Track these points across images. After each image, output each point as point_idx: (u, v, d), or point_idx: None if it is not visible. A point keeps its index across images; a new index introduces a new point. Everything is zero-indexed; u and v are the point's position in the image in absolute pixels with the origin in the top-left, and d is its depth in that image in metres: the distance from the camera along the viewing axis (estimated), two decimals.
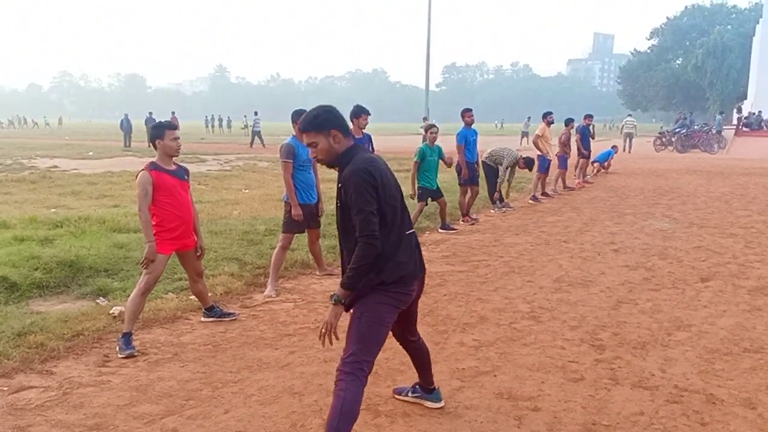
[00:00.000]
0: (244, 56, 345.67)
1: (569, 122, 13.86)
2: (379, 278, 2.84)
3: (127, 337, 4.28)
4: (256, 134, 30.32)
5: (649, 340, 4.50)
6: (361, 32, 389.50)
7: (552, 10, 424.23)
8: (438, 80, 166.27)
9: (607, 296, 5.64)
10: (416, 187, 8.60)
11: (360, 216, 2.77)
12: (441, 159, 8.77)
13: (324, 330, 2.86)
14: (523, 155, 10.84)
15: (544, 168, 12.43)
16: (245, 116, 37.25)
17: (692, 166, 20.29)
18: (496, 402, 3.53)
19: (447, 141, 10.78)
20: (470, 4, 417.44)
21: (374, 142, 7.44)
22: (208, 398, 3.59)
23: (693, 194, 13.13)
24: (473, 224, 9.57)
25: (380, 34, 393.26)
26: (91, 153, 23.96)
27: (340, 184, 2.87)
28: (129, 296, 4.51)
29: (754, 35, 50.21)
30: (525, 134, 33.77)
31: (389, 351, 3.83)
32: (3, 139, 36.39)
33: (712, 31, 66.77)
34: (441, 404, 3.44)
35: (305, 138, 2.95)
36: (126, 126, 29.24)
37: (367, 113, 7.05)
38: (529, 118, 37.68)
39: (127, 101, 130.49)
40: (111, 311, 4.97)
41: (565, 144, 13.44)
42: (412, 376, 3.63)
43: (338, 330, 2.88)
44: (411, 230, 3.03)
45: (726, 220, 9.81)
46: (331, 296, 2.87)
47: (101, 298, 5.42)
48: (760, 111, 37.08)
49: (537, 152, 12.35)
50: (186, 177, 4.62)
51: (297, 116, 5.76)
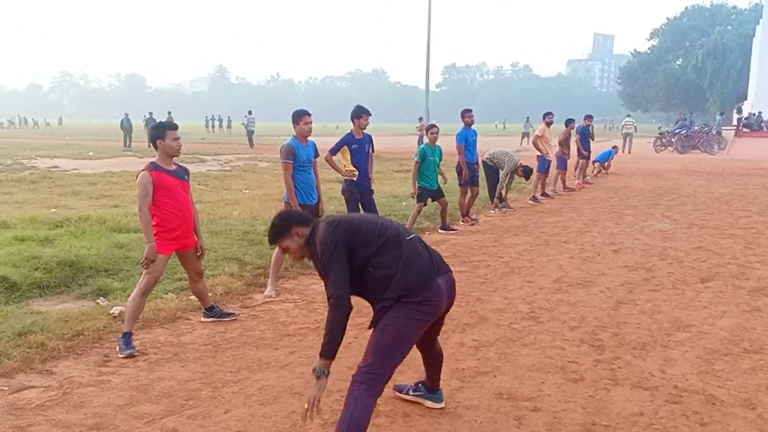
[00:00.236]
0: (244, 56, 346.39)
1: (569, 123, 13.87)
2: (397, 293, 2.79)
3: (128, 337, 4.29)
4: (250, 133, 30.46)
5: (649, 341, 4.51)
6: (361, 32, 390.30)
7: (552, 11, 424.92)
8: (438, 80, 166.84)
9: (607, 297, 5.65)
10: (416, 187, 8.61)
11: (327, 278, 2.82)
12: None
13: (307, 406, 2.78)
14: (522, 164, 10.75)
15: (544, 168, 12.44)
16: (246, 116, 37.18)
17: (692, 167, 20.29)
18: (496, 402, 3.53)
19: (447, 141, 10.78)
20: (470, 5, 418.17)
21: (374, 143, 7.44)
22: (208, 398, 3.60)
23: (693, 195, 13.13)
24: (473, 224, 9.58)
25: (380, 35, 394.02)
26: (91, 153, 23.97)
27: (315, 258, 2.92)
28: (129, 296, 4.52)
29: (754, 36, 50.20)
30: (525, 135, 33.73)
31: None
32: (3, 139, 36.41)
33: (712, 32, 66.76)
34: (442, 405, 3.44)
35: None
36: (126, 126, 29.29)
37: (368, 113, 7.07)
38: (528, 119, 37.66)
39: (127, 101, 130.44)
40: (111, 311, 4.98)
41: (562, 144, 13.41)
42: (412, 376, 3.65)
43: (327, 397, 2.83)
44: (411, 236, 3.01)
45: (726, 221, 9.81)
46: (314, 370, 2.80)
47: (101, 298, 5.43)
48: (760, 112, 37.09)
49: (537, 153, 12.38)
50: (186, 177, 4.63)
51: (297, 116, 5.80)
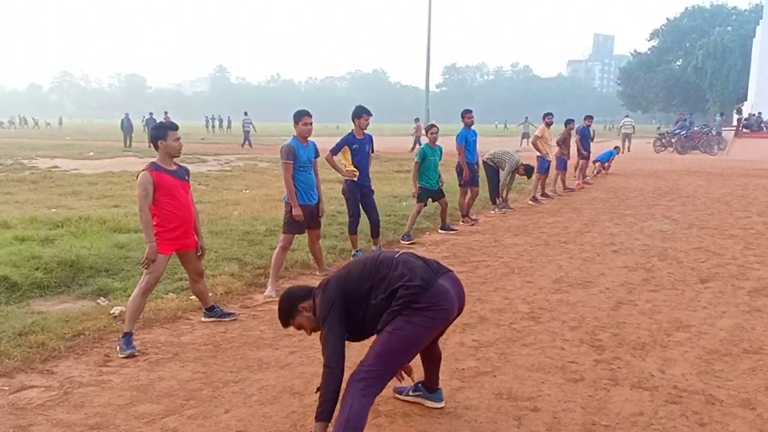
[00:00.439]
0: (245, 56, 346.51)
1: (569, 123, 13.88)
2: (404, 299, 2.78)
3: (128, 337, 4.30)
4: (247, 134, 30.55)
5: (649, 341, 4.51)
6: (362, 33, 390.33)
7: (552, 11, 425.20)
8: (438, 81, 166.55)
9: (607, 297, 5.65)
10: (417, 187, 8.59)
11: (324, 343, 2.85)
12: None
13: None
14: (523, 162, 10.87)
15: (544, 169, 12.45)
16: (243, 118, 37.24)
17: (692, 168, 20.29)
18: (496, 402, 3.54)
19: (447, 142, 10.78)
20: (470, 5, 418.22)
21: (373, 143, 7.45)
22: (209, 398, 3.60)
23: (693, 195, 13.13)
24: (473, 225, 9.58)
25: (380, 35, 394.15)
26: (92, 153, 23.98)
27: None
28: (129, 296, 4.53)
29: (754, 36, 50.17)
30: (525, 135, 33.71)
31: None
32: (3, 139, 36.42)
33: (712, 33, 66.71)
34: (441, 404, 3.45)
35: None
36: (126, 126, 29.33)
37: (369, 114, 7.08)
38: (527, 118, 37.67)
39: (128, 101, 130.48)
40: (111, 311, 4.98)
41: (561, 145, 13.39)
42: (414, 375, 3.64)
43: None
44: (399, 253, 3.02)
45: (726, 222, 9.81)
46: None
47: (102, 298, 5.43)
48: (760, 112, 37.07)
49: (537, 153, 12.39)
50: (186, 177, 4.64)
51: (297, 117, 5.81)
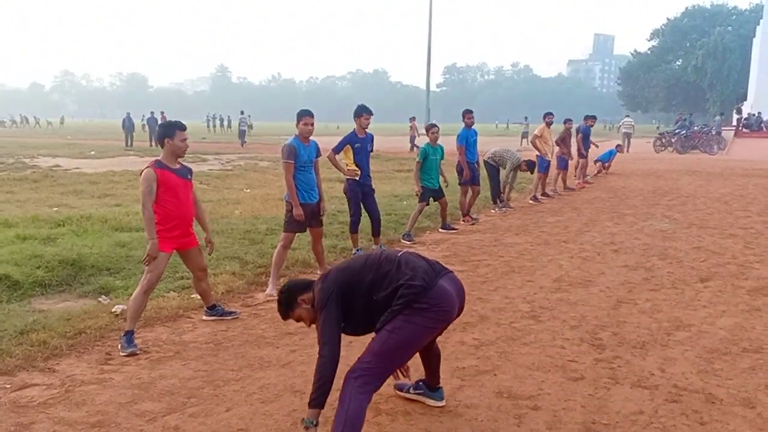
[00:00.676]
0: (246, 56, 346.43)
1: (567, 122, 13.87)
2: (405, 298, 2.78)
3: (130, 336, 4.31)
4: (242, 133, 30.82)
5: (649, 340, 4.52)
6: (362, 32, 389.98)
7: (552, 11, 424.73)
8: (439, 81, 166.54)
9: (607, 296, 5.66)
10: (420, 187, 8.57)
11: (320, 332, 2.83)
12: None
13: None
14: (525, 159, 10.92)
15: (543, 168, 12.44)
16: (249, 116, 37.32)
17: (692, 167, 20.29)
18: (496, 401, 3.54)
19: (447, 142, 10.78)
20: (471, 5, 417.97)
21: (374, 143, 7.46)
22: (210, 396, 3.61)
23: (693, 195, 13.13)
24: (473, 224, 9.59)
25: (381, 35, 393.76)
26: (93, 152, 23.97)
27: None
28: (131, 294, 4.54)
29: (755, 36, 50.14)
30: (525, 135, 33.74)
31: None
32: (5, 138, 36.43)
33: (713, 33, 66.66)
34: (442, 403, 3.46)
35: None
36: (128, 125, 29.33)
37: (369, 113, 7.10)
38: (527, 118, 37.69)
39: (129, 101, 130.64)
40: (113, 310, 5.00)
41: (560, 144, 13.36)
42: (413, 374, 3.65)
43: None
44: (402, 252, 3.03)
45: (725, 221, 9.82)
46: (302, 420, 2.78)
47: (103, 297, 5.45)
48: (760, 112, 37.05)
49: (536, 153, 12.40)
50: (189, 176, 4.66)
51: (298, 116, 5.82)
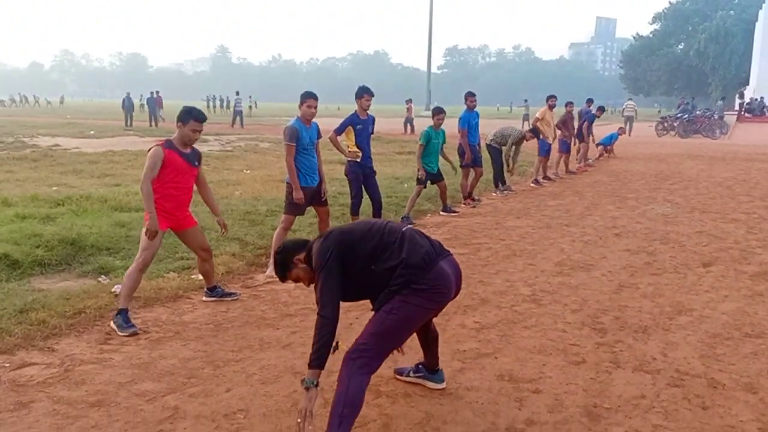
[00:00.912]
0: (246, 37, 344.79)
1: (568, 104, 13.79)
2: (403, 278, 2.75)
3: (125, 314, 4.26)
4: (238, 114, 30.55)
5: (651, 324, 4.50)
6: (363, 14, 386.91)
7: None
8: (440, 62, 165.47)
9: (609, 280, 5.64)
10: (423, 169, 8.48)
11: (319, 291, 2.79)
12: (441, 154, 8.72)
13: (300, 419, 2.68)
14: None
15: (545, 151, 12.37)
16: (250, 97, 37.11)
17: (694, 151, 20.22)
18: (497, 384, 3.53)
19: (449, 124, 10.70)
20: None
21: (374, 124, 7.39)
22: (210, 377, 3.60)
23: (695, 179, 13.09)
24: (475, 206, 9.56)
25: (382, 16, 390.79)
26: (93, 132, 23.86)
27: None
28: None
29: (757, 20, 49.77)
30: (525, 117, 33.62)
31: None
32: (4, 117, 36.27)
33: (715, 16, 66.26)
34: (443, 385, 3.45)
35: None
36: (127, 105, 29.22)
37: (371, 94, 7.02)
38: (527, 101, 37.57)
39: (129, 81, 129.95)
40: (112, 290, 4.97)
41: (561, 127, 13.28)
42: (413, 358, 3.64)
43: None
44: (406, 227, 2.99)
45: (728, 206, 9.79)
46: (303, 381, 2.76)
47: (103, 277, 5.43)
48: (762, 97, 36.91)
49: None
50: (197, 163, 4.61)
51: (301, 98, 5.75)
